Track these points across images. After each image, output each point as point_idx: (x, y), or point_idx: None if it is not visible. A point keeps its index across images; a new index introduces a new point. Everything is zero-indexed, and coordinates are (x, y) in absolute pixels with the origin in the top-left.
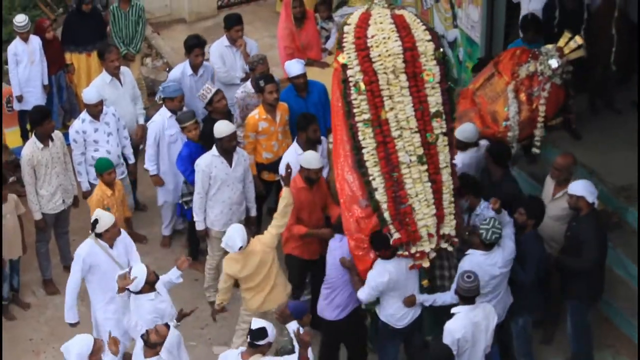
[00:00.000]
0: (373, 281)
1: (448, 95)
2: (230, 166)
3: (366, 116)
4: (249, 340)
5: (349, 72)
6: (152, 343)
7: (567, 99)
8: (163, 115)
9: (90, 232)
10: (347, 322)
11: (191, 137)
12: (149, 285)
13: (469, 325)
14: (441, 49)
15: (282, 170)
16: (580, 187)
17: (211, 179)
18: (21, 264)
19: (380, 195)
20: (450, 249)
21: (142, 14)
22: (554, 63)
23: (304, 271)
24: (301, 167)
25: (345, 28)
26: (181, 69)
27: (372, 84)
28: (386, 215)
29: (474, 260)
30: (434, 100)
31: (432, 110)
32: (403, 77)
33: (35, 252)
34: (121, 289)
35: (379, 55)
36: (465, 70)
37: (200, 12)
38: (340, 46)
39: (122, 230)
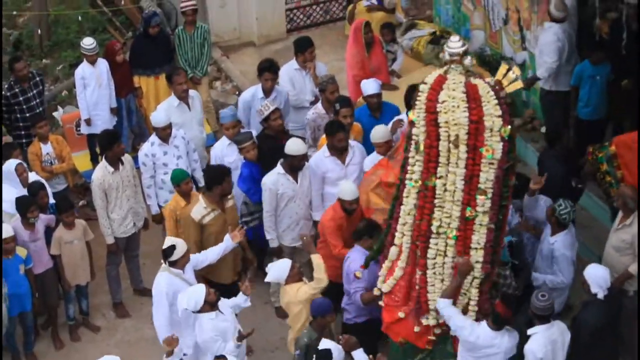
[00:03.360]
0: None
1: (503, 173)
2: (297, 182)
3: (416, 176)
4: None
5: (414, 130)
6: None
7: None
8: (223, 142)
9: (162, 262)
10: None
11: (249, 157)
12: (209, 305)
13: (548, 343)
14: (509, 127)
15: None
16: (591, 275)
17: (278, 197)
18: (92, 287)
19: (400, 254)
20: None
21: (207, 37)
22: None
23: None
24: (339, 198)
25: (421, 87)
26: (252, 91)
27: (432, 148)
28: (398, 272)
29: (563, 241)
30: (485, 177)
31: (480, 186)
32: (463, 148)
33: (106, 275)
34: (169, 353)
35: (446, 122)
36: (535, 92)
37: (270, 35)
38: (413, 103)
39: None
